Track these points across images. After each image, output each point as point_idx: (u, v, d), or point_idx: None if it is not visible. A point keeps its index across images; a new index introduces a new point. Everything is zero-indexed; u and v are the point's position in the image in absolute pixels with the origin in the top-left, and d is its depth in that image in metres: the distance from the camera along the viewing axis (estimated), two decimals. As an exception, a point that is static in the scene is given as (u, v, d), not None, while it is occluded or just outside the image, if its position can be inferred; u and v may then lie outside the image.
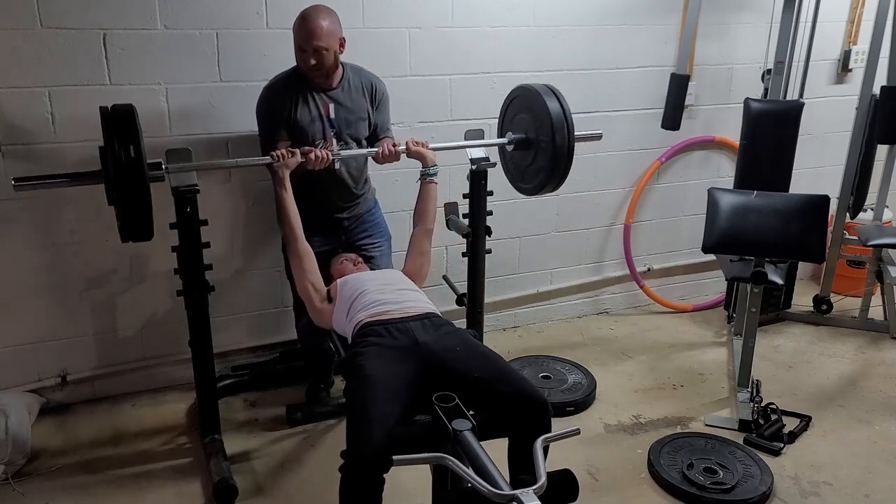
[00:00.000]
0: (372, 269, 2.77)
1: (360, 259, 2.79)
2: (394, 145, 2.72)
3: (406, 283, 2.53)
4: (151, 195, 2.17)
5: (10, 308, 2.85)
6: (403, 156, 2.75)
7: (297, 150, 2.56)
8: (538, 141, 2.73)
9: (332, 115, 2.70)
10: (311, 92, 2.67)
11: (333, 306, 2.46)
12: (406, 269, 2.68)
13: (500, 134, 2.95)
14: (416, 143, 2.75)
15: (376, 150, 2.70)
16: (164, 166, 2.34)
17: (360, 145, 2.77)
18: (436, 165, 2.75)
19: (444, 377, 2.04)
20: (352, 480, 1.84)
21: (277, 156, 2.53)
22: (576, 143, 2.67)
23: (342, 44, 2.64)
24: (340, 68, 2.72)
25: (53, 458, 2.70)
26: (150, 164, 2.20)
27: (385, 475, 1.83)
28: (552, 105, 2.64)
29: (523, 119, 2.81)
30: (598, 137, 3.00)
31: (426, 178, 2.75)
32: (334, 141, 2.70)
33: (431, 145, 2.78)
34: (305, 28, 2.55)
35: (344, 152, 2.69)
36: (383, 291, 2.38)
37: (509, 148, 2.87)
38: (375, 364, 2.07)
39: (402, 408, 1.95)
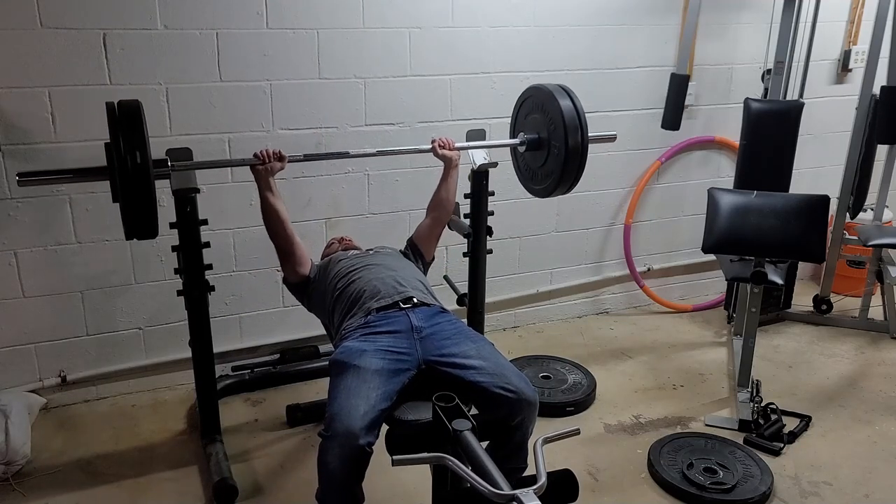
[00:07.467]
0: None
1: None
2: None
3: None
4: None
5: (10, 308, 2.85)
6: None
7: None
8: (551, 142, 2.65)
9: None
10: None
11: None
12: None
13: (513, 134, 2.90)
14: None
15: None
16: (169, 163, 2.34)
17: None
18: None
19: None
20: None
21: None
22: (590, 145, 2.59)
23: None
24: None
25: (53, 459, 2.70)
26: (155, 162, 2.19)
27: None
28: (565, 105, 2.56)
29: (536, 119, 2.73)
30: (613, 139, 2.98)
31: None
32: None
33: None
34: None
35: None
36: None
37: (521, 149, 2.81)
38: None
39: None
